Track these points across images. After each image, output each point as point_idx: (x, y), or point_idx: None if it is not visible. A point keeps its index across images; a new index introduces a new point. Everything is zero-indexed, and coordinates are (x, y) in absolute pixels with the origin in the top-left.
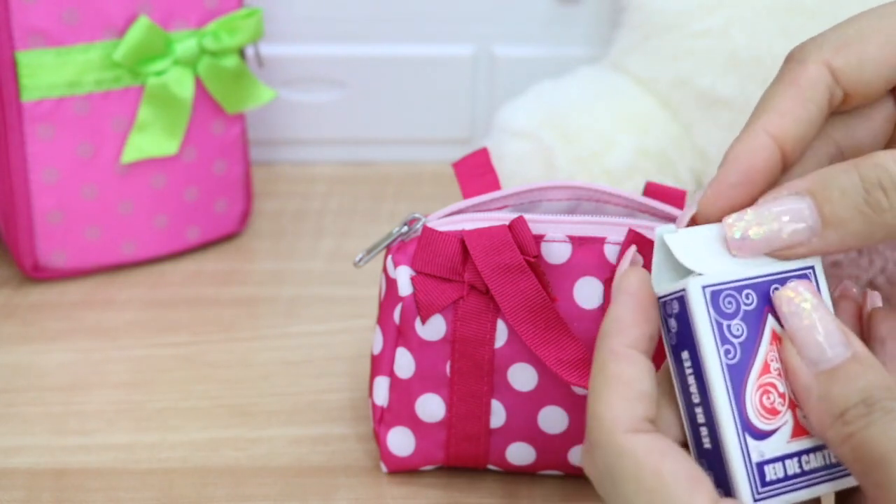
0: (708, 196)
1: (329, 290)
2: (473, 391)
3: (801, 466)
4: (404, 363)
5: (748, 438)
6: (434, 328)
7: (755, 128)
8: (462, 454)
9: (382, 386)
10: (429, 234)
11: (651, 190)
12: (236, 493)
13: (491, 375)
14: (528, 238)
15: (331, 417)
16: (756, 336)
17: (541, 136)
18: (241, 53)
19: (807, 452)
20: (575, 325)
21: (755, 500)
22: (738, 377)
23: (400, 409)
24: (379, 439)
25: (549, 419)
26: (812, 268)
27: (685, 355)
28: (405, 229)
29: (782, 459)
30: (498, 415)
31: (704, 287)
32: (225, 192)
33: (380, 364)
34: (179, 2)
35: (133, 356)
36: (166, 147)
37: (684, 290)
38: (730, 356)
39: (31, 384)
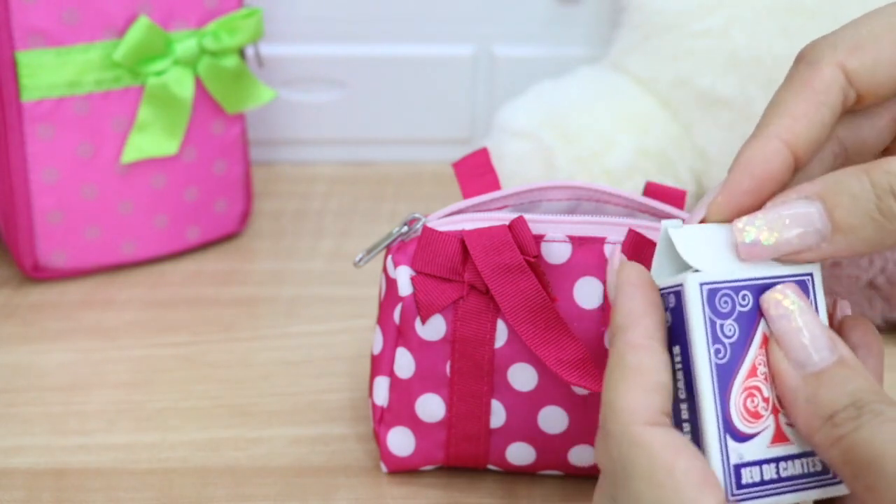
0: (719, 201)
1: (329, 290)
2: (473, 391)
3: (779, 472)
4: (404, 363)
5: (729, 440)
6: (434, 328)
7: (768, 133)
8: (462, 454)
9: (382, 386)
10: (429, 234)
11: (651, 190)
12: (236, 493)
13: (491, 375)
14: (528, 238)
15: (331, 417)
16: (747, 338)
17: (541, 136)
18: (241, 53)
19: (785, 459)
20: (575, 325)
21: (728, 502)
22: (726, 378)
23: (400, 409)
24: (379, 439)
25: (549, 419)
26: (811, 275)
27: (676, 350)
28: (405, 229)
29: (760, 464)
30: (498, 415)
31: (702, 284)
32: (225, 192)
33: (380, 364)
34: (179, 2)
35: (133, 356)
36: (166, 147)
37: (682, 285)
38: (720, 356)
39: (31, 384)
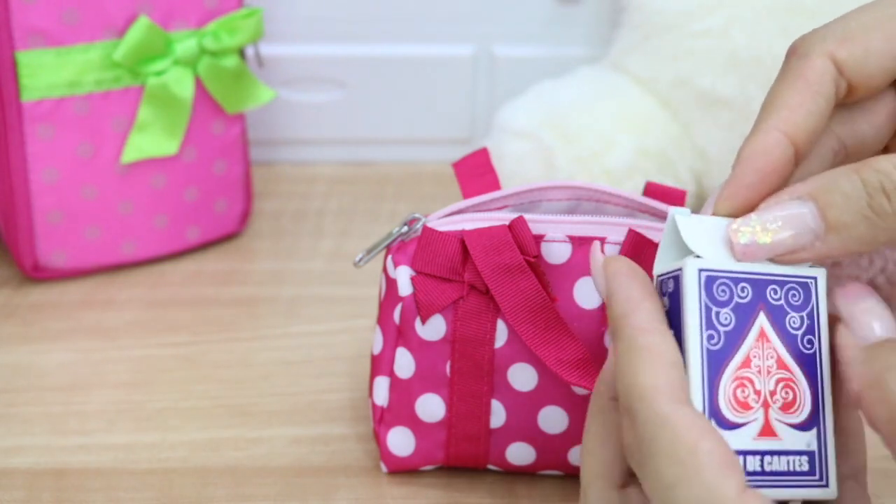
0: (724, 197)
1: (329, 290)
2: (473, 391)
3: (762, 466)
4: (404, 363)
5: (714, 425)
6: (434, 328)
7: (767, 126)
8: (462, 454)
9: (382, 386)
10: (429, 234)
11: (651, 190)
12: (236, 493)
13: (491, 375)
14: (528, 238)
15: (331, 417)
16: (743, 329)
17: (541, 136)
18: (241, 53)
19: (771, 454)
20: (575, 325)
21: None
22: (716, 364)
23: (400, 409)
24: (379, 439)
25: (549, 419)
26: (815, 279)
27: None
28: (405, 229)
29: (744, 454)
30: (498, 415)
31: (701, 269)
32: (225, 192)
33: (380, 364)
34: (179, 2)
35: (133, 356)
36: (166, 147)
37: (681, 270)
38: (712, 341)
39: (31, 384)
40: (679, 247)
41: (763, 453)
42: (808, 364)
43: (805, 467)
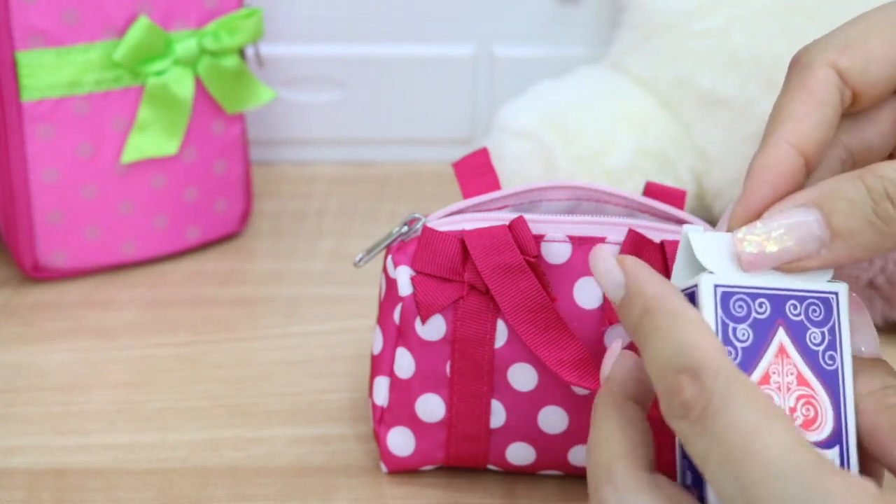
0: (738, 213)
1: (329, 290)
2: (473, 391)
3: None
4: (404, 363)
5: None
6: (434, 328)
7: (775, 139)
8: (462, 454)
9: (382, 386)
10: (429, 234)
11: (651, 190)
12: (236, 493)
13: (491, 375)
14: (528, 238)
15: (331, 417)
16: (762, 345)
17: (541, 136)
18: (241, 53)
19: None
20: (575, 325)
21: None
22: None
23: (400, 409)
24: (379, 439)
25: (549, 419)
26: (836, 294)
27: None
28: (405, 229)
29: None
30: (498, 415)
31: (717, 285)
32: (225, 192)
33: (380, 364)
34: (179, 2)
35: (133, 356)
36: (166, 147)
37: (696, 286)
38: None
39: (31, 384)
40: (694, 265)
41: None
42: (830, 381)
43: None
